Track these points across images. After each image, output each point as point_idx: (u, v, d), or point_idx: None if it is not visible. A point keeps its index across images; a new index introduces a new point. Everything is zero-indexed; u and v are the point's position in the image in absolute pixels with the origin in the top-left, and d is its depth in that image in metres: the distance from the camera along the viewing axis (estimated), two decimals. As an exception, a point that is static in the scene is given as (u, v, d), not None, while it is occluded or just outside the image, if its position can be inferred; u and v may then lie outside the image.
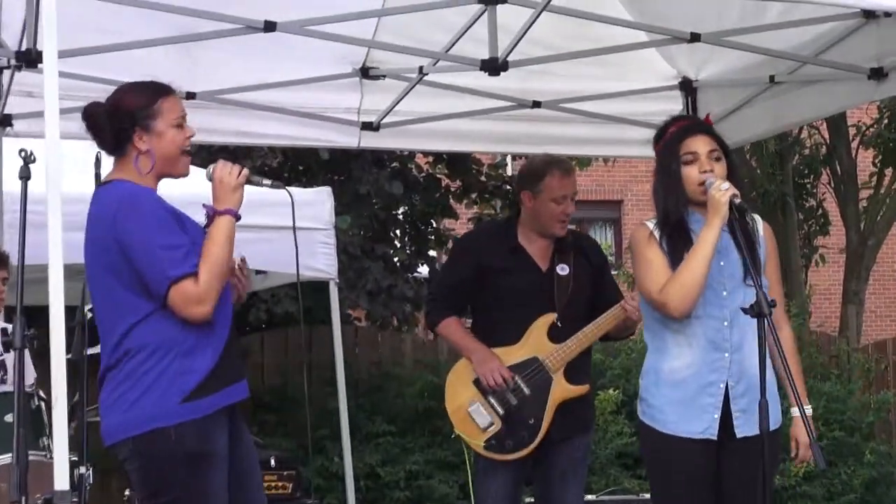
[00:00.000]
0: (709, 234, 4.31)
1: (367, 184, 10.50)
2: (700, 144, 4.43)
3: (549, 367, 5.65)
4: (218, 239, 4.09)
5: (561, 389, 5.66)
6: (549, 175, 5.71)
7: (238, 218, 4.16)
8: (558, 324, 5.68)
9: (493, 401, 5.65)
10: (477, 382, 5.67)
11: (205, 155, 9.12)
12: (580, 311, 5.72)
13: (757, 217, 4.58)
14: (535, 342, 5.67)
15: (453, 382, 5.80)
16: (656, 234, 4.46)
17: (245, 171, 4.21)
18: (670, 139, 4.48)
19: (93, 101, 4.21)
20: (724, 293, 4.42)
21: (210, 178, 4.21)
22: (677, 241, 4.42)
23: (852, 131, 15.29)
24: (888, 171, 15.42)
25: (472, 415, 5.66)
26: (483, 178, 12.13)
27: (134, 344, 4.04)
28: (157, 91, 4.17)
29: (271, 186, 4.34)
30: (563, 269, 5.75)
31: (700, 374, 4.41)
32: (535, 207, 5.72)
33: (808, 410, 4.36)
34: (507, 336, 5.68)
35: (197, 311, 4.02)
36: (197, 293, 4.00)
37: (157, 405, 4.01)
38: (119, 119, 4.12)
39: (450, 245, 11.66)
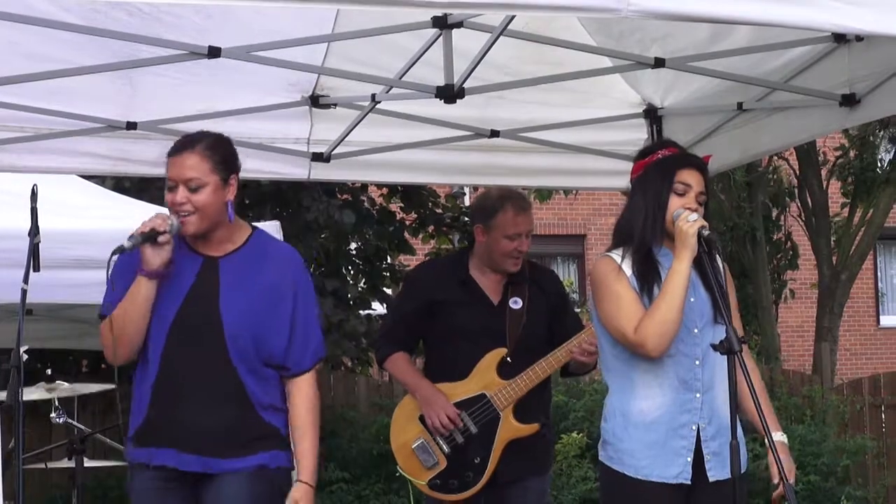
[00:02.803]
0: (681, 267, 4.29)
1: (315, 212, 10.43)
2: (695, 180, 4.43)
3: (497, 405, 5.66)
4: None
5: (509, 428, 5.66)
6: (502, 211, 5.73)
7: (147, 275, 4.25)
8: (509, 359, 5.70)
9: (438, 438, 5.65)
10: (423, 419, 5.68)
11: (154, 191, 9.07)
12: (534, 346, 5.73)
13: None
14: (484, 378, 5.68)
15: (399, 418, 5.82)
16: (626, 266, 4.43)
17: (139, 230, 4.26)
18: (665, 163, 4.45)
19: None
20: (696, 331, 4.41)
21: None
22: (648, 274, 4.41)
23: (821, 161, 15.41)
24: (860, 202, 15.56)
25: (416, 452, 5.67)
26: (439, 210, 12.12)
27: None
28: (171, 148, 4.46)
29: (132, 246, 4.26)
30: (515, 303, 5.77)
31: (671, 416, 4.39)
32: (487, 242, 5.75)
33: (784, 438, 4.37)
34: (456, 371, 5.70)
35: None
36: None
37: None
38: None
39: (405, 280, 11.61)
